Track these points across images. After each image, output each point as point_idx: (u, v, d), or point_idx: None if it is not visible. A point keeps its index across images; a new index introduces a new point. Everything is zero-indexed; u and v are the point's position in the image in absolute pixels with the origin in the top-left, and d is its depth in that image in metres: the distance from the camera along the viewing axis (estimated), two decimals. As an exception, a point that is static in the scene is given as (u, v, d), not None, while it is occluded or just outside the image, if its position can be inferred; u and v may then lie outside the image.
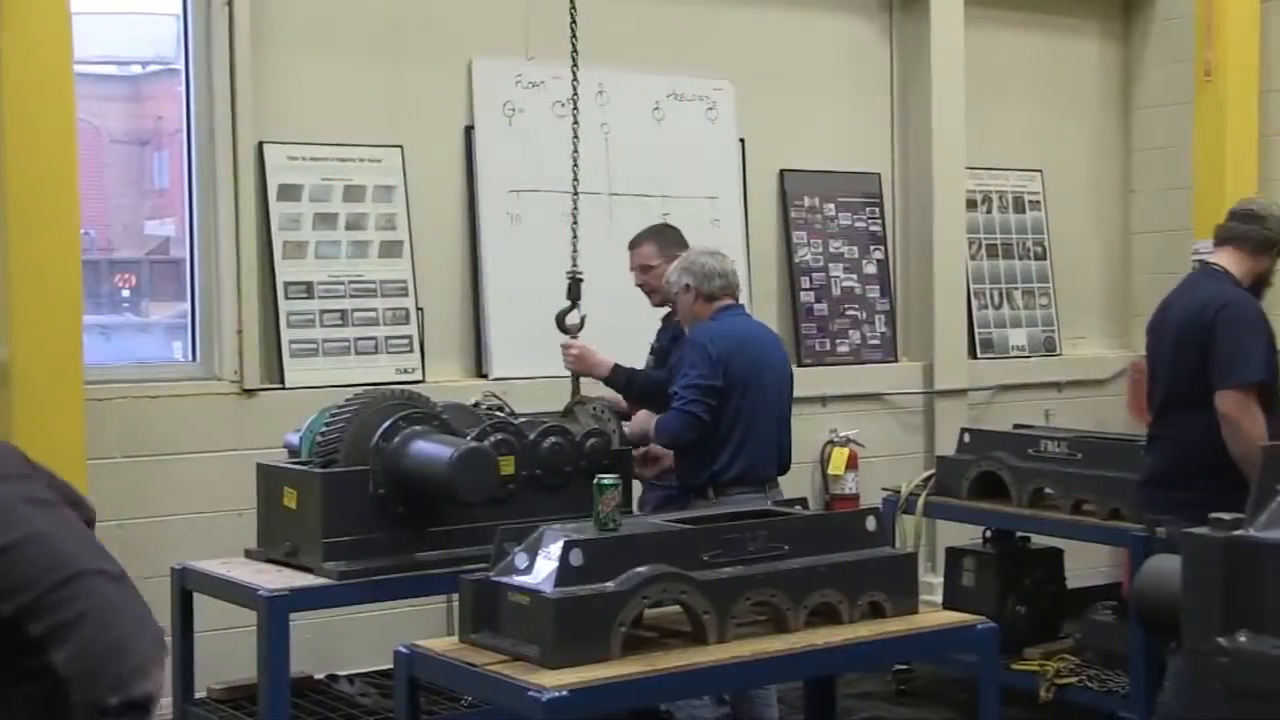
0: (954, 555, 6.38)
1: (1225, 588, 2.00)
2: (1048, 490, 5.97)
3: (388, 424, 4.46)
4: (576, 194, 5.33)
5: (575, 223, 5.32)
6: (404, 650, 3.66)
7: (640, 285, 5.70)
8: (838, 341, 7.57)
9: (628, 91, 6.93)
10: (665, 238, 5.73)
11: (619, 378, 5.39)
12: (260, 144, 6.08)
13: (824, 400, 7.34)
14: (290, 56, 6.18)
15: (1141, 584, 2.42)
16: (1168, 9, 8.37)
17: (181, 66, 6.09)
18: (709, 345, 5.14)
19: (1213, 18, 7.71)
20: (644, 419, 5.38)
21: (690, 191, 7.07)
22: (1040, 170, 8.35)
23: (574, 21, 5.22)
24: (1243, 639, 1.95)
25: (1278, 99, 7.80)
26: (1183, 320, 4.90)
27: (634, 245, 5.77)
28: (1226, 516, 2.08)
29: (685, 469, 5.25)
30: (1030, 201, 8.34)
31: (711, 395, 5.08)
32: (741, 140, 7.27)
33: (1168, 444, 4.94)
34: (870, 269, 7.73)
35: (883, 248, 7.76)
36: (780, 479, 5.34)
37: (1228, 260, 4.99)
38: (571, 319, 5.45)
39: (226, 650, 5.03)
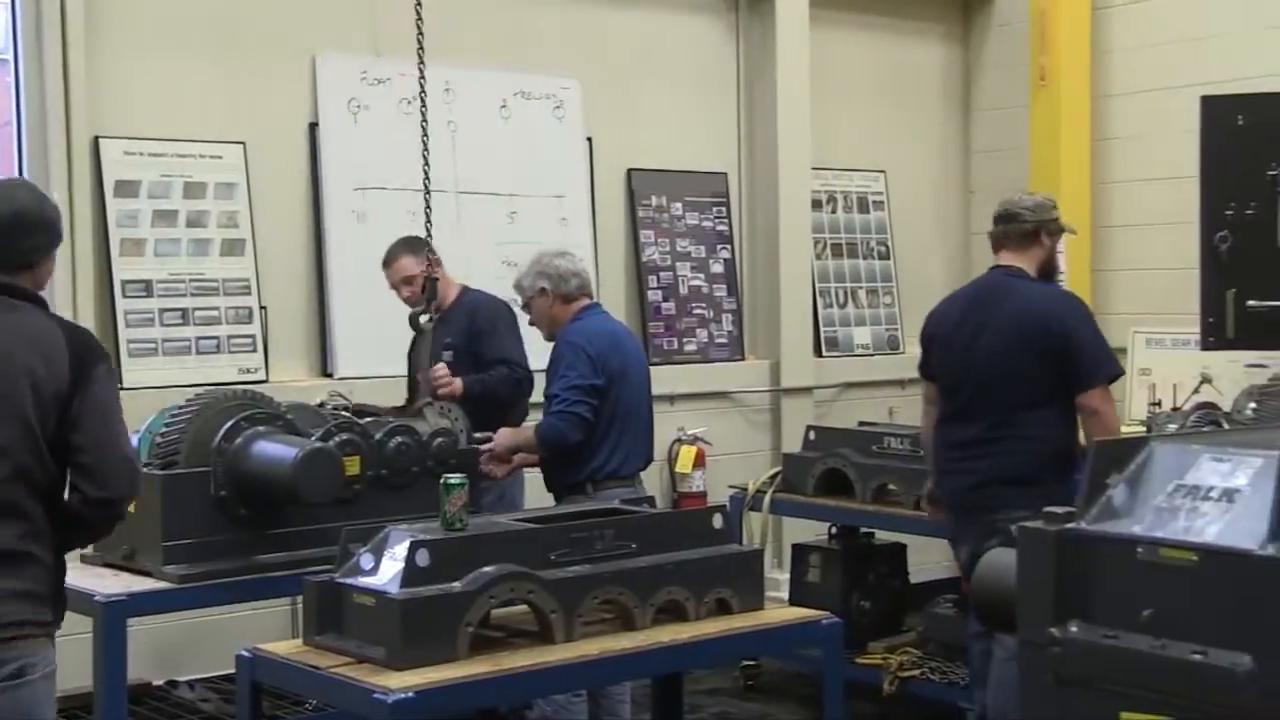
0: (800, 551, 6.46)
1: (1057, 580, 2.04)
2: (891, 486, 6.07)
3: (229, 424, 4.39)
4: (429, 193, 5.27)
5: (429, 222, 5.27)
6: (246, 654, 3.60)
7: (406, 300, 5.66)
8: (685, 340, 7.61)
9: (475, 90, 6.89)
10: (416, 247, 5.70)
11: (473, 389, 5.41)
12: (96, 138, 5.92)
13: (672, 399, 7.37)
14: (127, 48, 6.03)
15: (979, 578, 2.47)
16: (1005, 14, 8.56)
17: (10, 57, 5.90)
18: (586, 345, 5.19)
19: (1047, 24, 7.92)
20: (510, 434, 5.36)
21: (537, 190, 7.05)
22: (884, 171, 8.49)
23: (419, 18, 5.18)
24: (1074, 629, 2.00)
25: (1109, 103, 8.03)
26: (1017, 324, 4.94)
27: (388, 263, 5.76)
28: (1059, 511, 2.13)
29: (562, 468, 5.26)
30: (874, 202, 8.47)
31: (593, 395, 5.13)
32: (589, 139, 7.28)
33: (1016, 443, 4.95)
34: (717, 268, 7.78)
35: (730, 247, 7.83)
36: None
37: (1014, 260, 5.10)
38: (425, 319, 5.40)
39: (61, 658, 4.87)
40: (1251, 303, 6.82)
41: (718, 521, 4.01)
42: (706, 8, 7.79)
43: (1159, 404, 6.84)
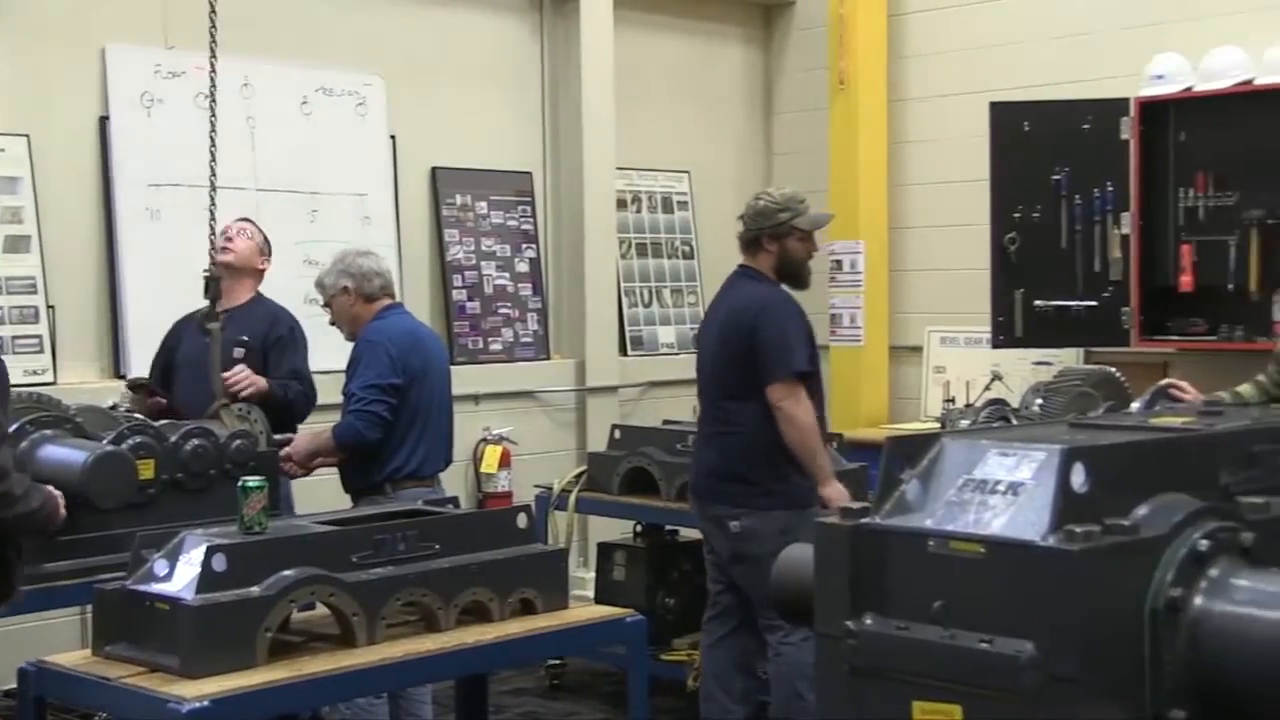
0: (605, 550, 6.48)
1: (852, 573, 2.08)
2: (695, 483, 6.11)
3: (14, 428, 4.22)
4: (214, 189, 5.12)
5: (213, 219, 5.12)
6: (29, 667, 3.46)
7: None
8: (490, 339, 7.58)
9: (275, 85, 6.76)
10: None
11: (276, 392, 5.30)
12: None
13: (477, 399, 7.34)
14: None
15: (778, 573, 2.50)
16: (805, 18, 8.72)
17: None
18: (387, 345, 5.16)
19: (845, 29, 8.08)
20: (310, 436, 5.27)
21: (340, 188, 6.95)
22: (688, 171, 8.57)
23: (213, 10, 5.04)
24: (868, 621, 2.04)
25: (904, 107, 8.23)
26: (727, 320, 5.21)
27: None
28: (854, 506, 2.17)
29: (361, 469, 5.19)
30: (678, 202, 8.55)
31: (392, 394, 5.10)
32: (392, 137, 7.20)
33: (728, 438, 5.17)
34: (522, 267, 7.77)
35: (535, 246, 7.82)
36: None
37: (748, 261, 5.30)
38: (212, 321, 5.23)
39: None
40: (1038, 302, 7.08)
41: (522, 521, 4.00)
42: (511, 7, 7.77)
43: (953, 400, 7.05)
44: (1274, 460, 2.19)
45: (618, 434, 6.55)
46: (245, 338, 5.40)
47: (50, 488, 3.92)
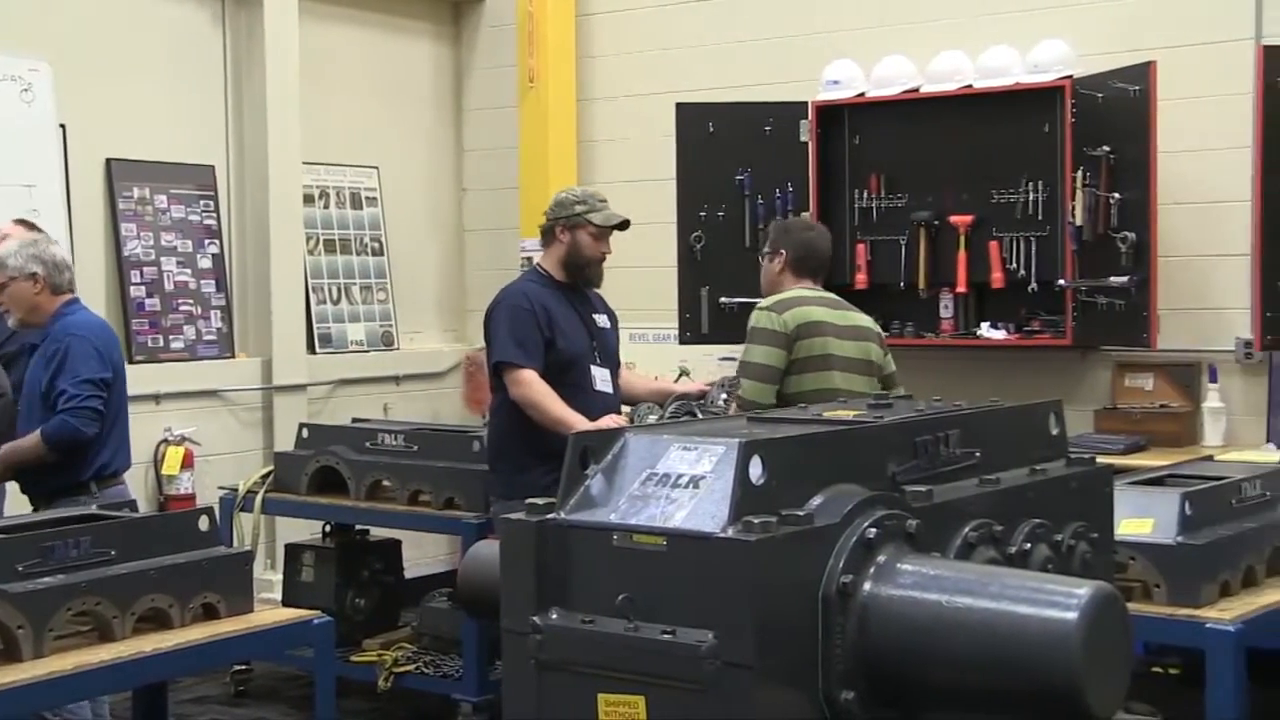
0: (293, 551, 6.37)
1: (538, 568, 2.08)
2: (386, 482, 6.06)
3: None
4: None
5: None
6: None
7: None
8: (171, 338, 7.32)
9: (-68, 68, 6.37)
10: None
11: None
12: None
13: (157, 398, 7.08)
14: None
15: (465, 569, 2.49)
16: (494, 16, 8.72)
17: None
18: (94, 339, 5.07)
19: (535, 27, 8.12)
20: (10, 448, 5.00)
21: (5, 179, 6.58)
22: (377, 167, 8.46)
23: None
24: (554, 616, 2.05)
25: (593, 106, 8.32)
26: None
27: None
28: (540, 501, 2.17)
29: (65, 470, 5.01)
30: (367, 198, 8.43)
31: (104, 388, 5.04)
32: (62, 126, 6.87)
33: (489, 428, 5.38)
34: (205, 263, 7.53)
35: (218, 242, 7.59)
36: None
37: (545, 253, 5.42)
38: None
39: None
40: (724, 299, 7.27)
41: (204, 524, 3.89)
42: (191, -7, 7.52)
43: (641, 396, 7.16)
44: (936, 450, 2.30)
45: (306, 433, 6.43)
46: None
47: None
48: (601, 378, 5.32)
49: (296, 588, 6.22)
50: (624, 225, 5.47)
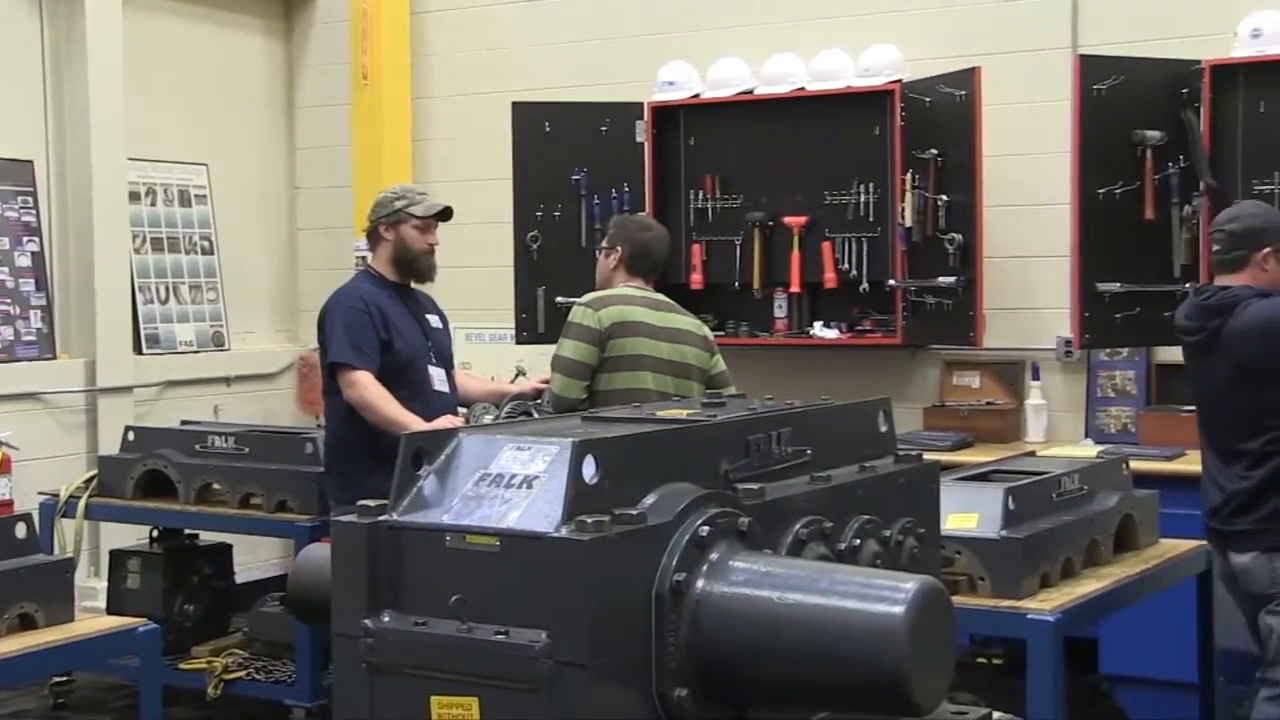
0: (118, 557, 6.22)
1: (370, 571, 2.06)
2: (216, 486, 5.94)
3: None
4: None
5: None
6: None
7: None
8: (-12, 338, 7.09)
9: None
10: None
11: None
12: None
13: (-27, 401, 6.85)
14: None
15: (296, 573, 2.45)
16: (327, 12, 8.59)
17: None
18: None
19: (368, 24, 8.03)
20: None
21: None
22: (206, 164, 8.28)
23: None
24: (386, 619, 2.03)
25: (428, 104, 8.26)
26: None
27: None
28: (372, 503, 2.15)
29: None
30: (196, 195, 8.25)
31: None
32: None
33: (325, 434, 5.33)
34: (24, 261, 7.29)
35: (38, 239, 7.36)
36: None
37: (375, 255, 5.42)
38: None
39: None
40: (560, 299, 7.27)
41: (21, 531, 3.78)
42: (6, -18, 7.28)
43: (477, 396, 7.12)
44: (768, 448, 2.32)
45: (132, 436, 6.28)
46: None
47: None
48: (439, 378, 5.29)
49: (122, 595, 6.06)
50: (446, 213, 5.45)
